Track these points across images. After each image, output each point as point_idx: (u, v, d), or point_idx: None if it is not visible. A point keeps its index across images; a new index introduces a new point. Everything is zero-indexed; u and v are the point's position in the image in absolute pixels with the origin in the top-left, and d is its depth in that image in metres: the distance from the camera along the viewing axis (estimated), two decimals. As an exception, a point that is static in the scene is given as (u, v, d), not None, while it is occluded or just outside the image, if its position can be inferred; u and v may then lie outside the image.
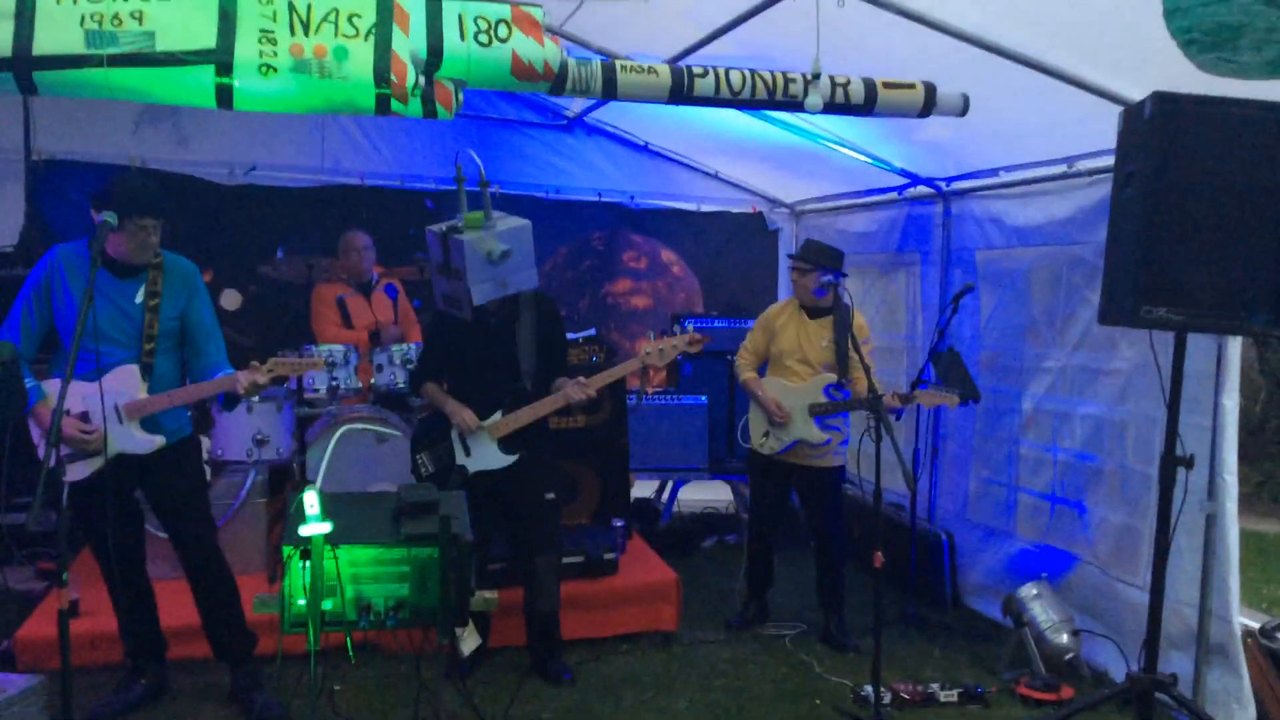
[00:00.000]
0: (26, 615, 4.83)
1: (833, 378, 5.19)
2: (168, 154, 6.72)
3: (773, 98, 4.49)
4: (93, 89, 3.72)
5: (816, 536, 5.46)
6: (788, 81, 4.46)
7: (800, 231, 8.09)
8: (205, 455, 5.06)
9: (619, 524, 5.64)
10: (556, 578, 4.78)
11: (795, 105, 4.53)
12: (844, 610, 5.41)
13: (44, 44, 3.54)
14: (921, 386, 5.32)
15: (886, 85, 4.62)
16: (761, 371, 5.48)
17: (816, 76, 4.40)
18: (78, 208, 6.59)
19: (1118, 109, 4.03)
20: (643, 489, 6.95)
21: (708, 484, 7.08)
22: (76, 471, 3.97)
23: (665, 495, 7.04)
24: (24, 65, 3.60)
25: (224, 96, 3.80)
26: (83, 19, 3.57)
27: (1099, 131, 4.32)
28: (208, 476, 4.92)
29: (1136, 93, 4.03)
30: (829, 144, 6.17)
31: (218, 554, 4.25)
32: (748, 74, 4.41)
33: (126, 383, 4.00)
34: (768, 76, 4.43)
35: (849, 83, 4.54)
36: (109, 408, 3.94)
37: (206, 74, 3.72)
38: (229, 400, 4.14)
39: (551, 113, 7.46)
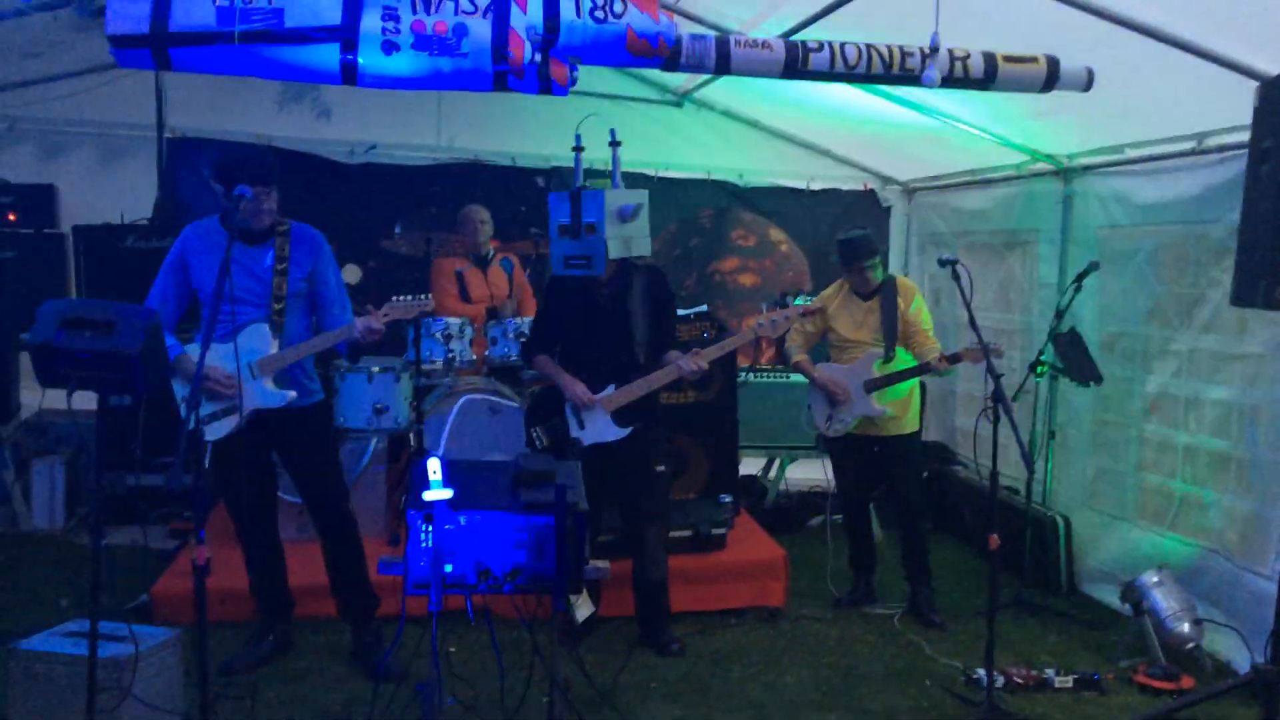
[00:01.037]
0: (161, 572, 5.08)
1: (880, 352, 5.23)
2: (298, 132, 6.95)
3: (889, 72, 4.40)
4: (223, 65, 3.87)
5: (896, 507, 5.45)
6: (905, 55, 4.37)
7: (913, 210, 7.96)
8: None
9: (727, 500, 5.65)
10: (665, 548, 4.83)
11: (912, 80, 4.44)
12: (931, 583, 5.39)
13: (179, 21, 3.68)
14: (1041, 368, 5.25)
15: (1007, 59, 4.50)
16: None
17: (935, 50, 4.32)
18: (208, 183, 6.84)
19: (1250, 83, 3.88)
20: (750, 466, 6.94)
21: (815, 462, 7.03)
22: (216, 430, 4.18)
23: (772, 472, 7.03)
24: (160, 42, 3.75)
25: (349, 73, 3.90)
26: (215, -4, 3.70)
27: (1230, 107, 4.16)
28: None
29: (1270, 66, 3.87)
30: (945, 120, 6.05)
31: (349, 517, 4.42)
32: (863, 48, 4.34)
33: (259, 340, 4.19)
34: (884, 50, 4.35)
35: (968, 56, 4.43)
36: (243, 365, 4.13)
37: (332, 51, 3.83)
38: (353, 350, 4.30)
39: (661, 89, 7.47)
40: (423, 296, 4.47)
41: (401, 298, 4.35)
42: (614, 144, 4.62)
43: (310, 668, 4.46)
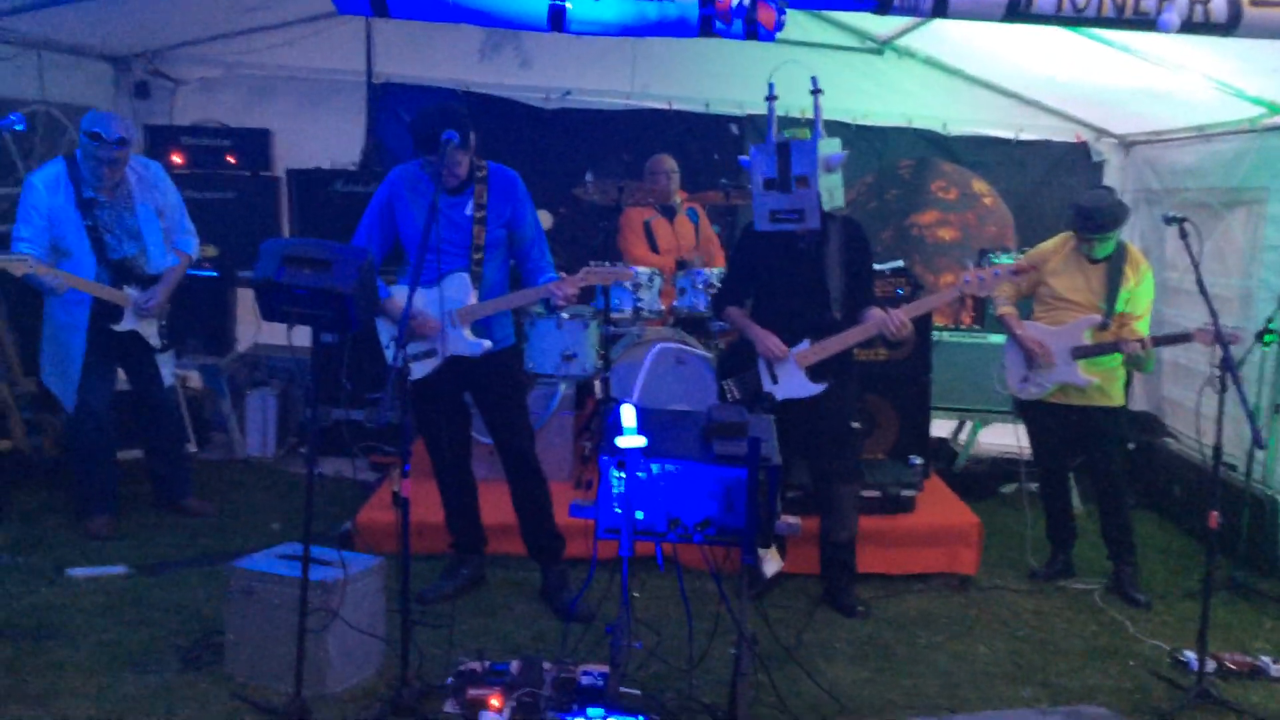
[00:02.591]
0: (363, 502, 5.32)
1: (1098, 319, 4.89)
2: (498, 79, 7.06)
3: (1121, 15, 4.12)
4: (438, 10, 3.94)
5: (1096, 481, 5.16)
6: (1139, -2, 4.08)
7: (1128, 164, 7.48)
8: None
9: (917, 462, 5.49)
10: (855, 508, 4.74)
11: (1146, 24, 4.14)
12: (1134, 559, 5.10)
13: (399, -32, 3.77)
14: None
15: (1255, 3, 4.14)
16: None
17: (1174, -9, 4.01)
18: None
19: None
20: (940, 428, 6.72)
21: (1009, 427, 6.76)
22: (416, 370, 4.33)
23: (963, 435, 6.80)
24: (379, -11, 3.86)
25: (556, 19, 3.93)
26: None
27: None
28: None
29: None
30: (1172, 68, 5.63)
31: (534, 460, 4.51)
32: (1095, -11, 4.07)
33: (459, 290, 4.28)
34: (1117, -9, 4.07)
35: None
36: (443, 313, 4.24)
37: (542, -2, 3.86)
38: (549, 305, 4.37)
39: (861, 36, 7.23)
40: (621, 264, 4.49)
41: (600, 264, 4.35)
42: (815, 92, 4.47)
43: (501, 603, 4.59)
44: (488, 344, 4.34)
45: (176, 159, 6.72)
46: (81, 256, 4.92)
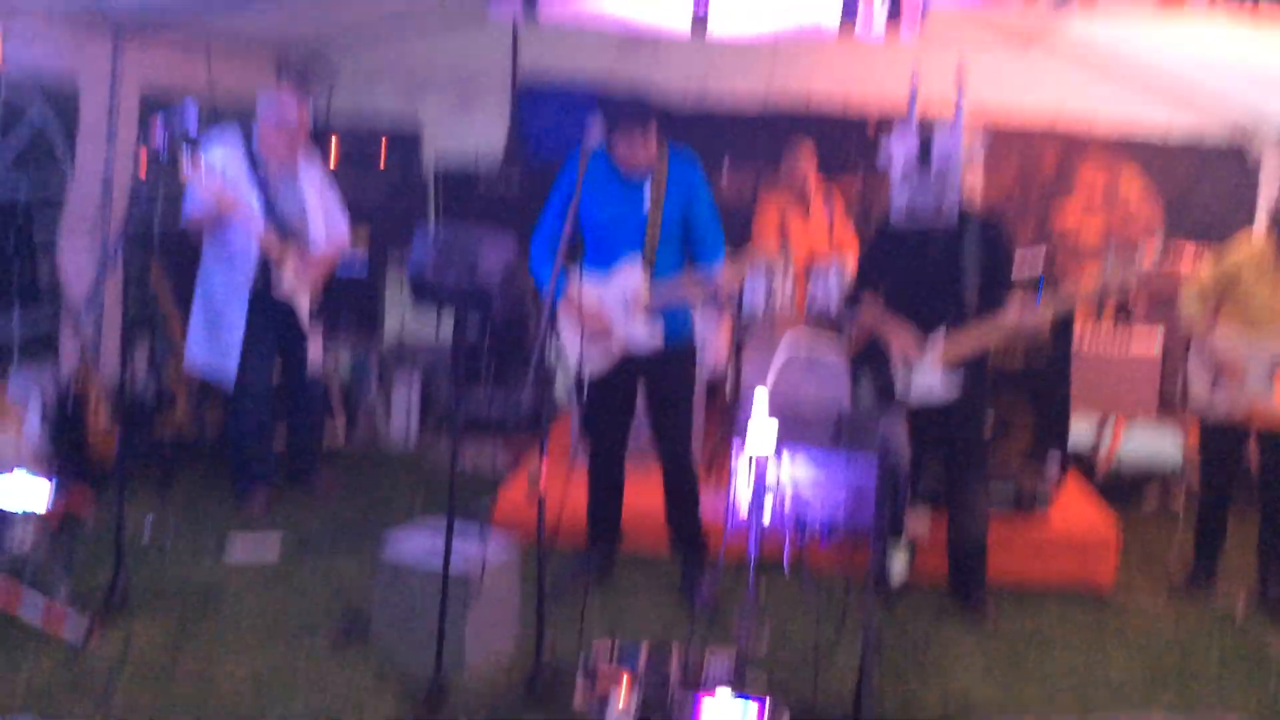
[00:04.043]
0: (501, 489, 5.49)
1: None
2: (636, 78, 7.16)
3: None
4: (586, 14, 4.06)
5: (1265, 493, 4.95)
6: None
7: (1287, 164, 7.14)
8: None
9: (1054, 466, 5.37)
10: (986, 512, 4.68)
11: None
12: None
13: (548, -26, 3.91)
14: None
15: None
16: None
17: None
18: (553, 127, 7.24)
19: None
20: (1080, 432, 6.55)
21: (1153, 433, 6.57)
22: (593, 363, 4.48)
23: (1104, 441, 6.62)
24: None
25: (699, 22, 4.02)
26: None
27: None
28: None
29: None
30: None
31: (692, 460, 4.60)
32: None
33: (632, 279, 4.39)
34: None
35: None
36: (617, 303, 4.37)
37: (685, 1, 3.94)
38: (715, 295, 4.45)
39: (1007, 31, 7.06)
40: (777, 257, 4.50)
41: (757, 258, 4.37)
42: (959, 87, 4.43)
43: (631, 592, 4.68)
44: (660, 333, 4.42)
45: (330, 157, 7.04)
46: (249, 214, 5.17)
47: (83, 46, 5.39)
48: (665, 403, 4.57)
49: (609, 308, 4.39)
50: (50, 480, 4.21)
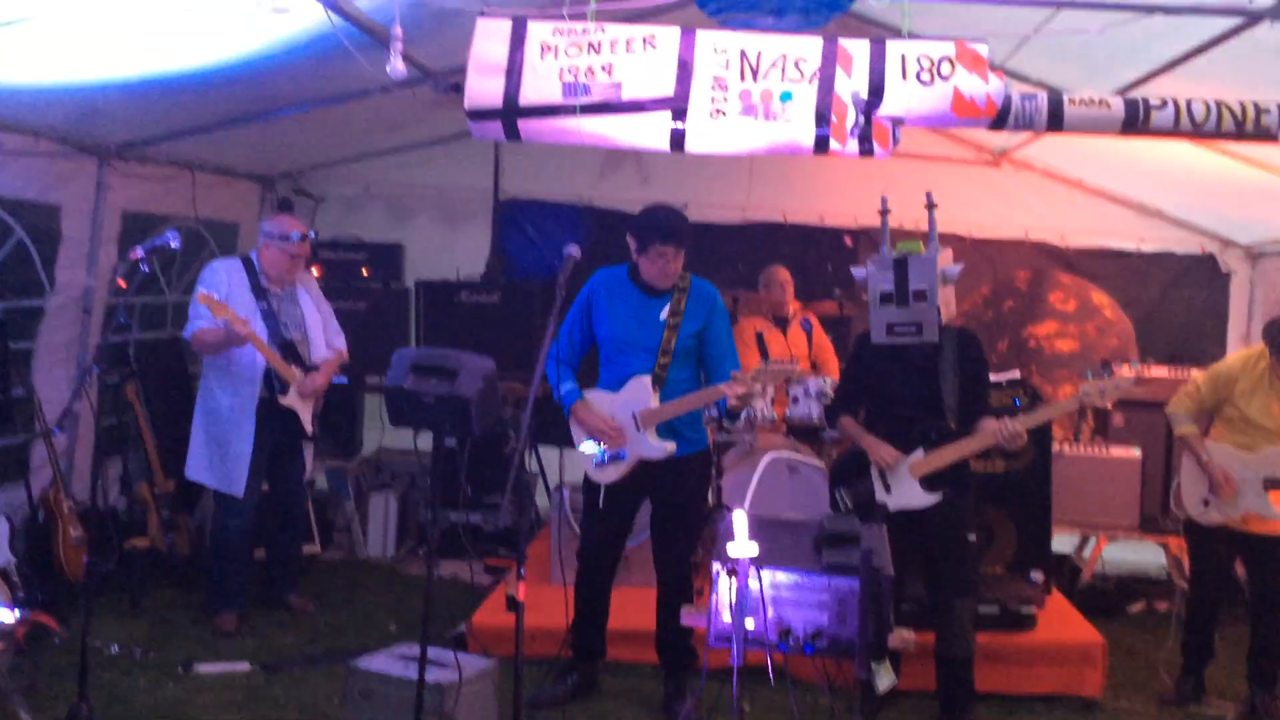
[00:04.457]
0: (478, 605, 5.40)
1: None
2: (616, 193, 7.32)
3: (1241, 130, 4.10)
4: (565, 135, 4.16)
5: (1254, 604, 4.93)
6: (1260, 112, 4.07)
7: (1256, 276, 7.30)
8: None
9: (1038, 578, 5.34)
10: (972, 623, 4.62)
11: (1267, 137, 4.13)
12: (1275, 689, 4.82)
13: (529, 95, 4.01)
14: None
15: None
16: None
17: (1295, 104, 3.99)
18: (532, 242, 7.37)
19: None
20: (1062, 543, 6.53)
21: (1136, 543, 6.55)
22: (606, 476, 4.47)
23: (1087, 552, 6.59)
24: (511, 115, 4.10)
25: (677, 140, 4.10)
26: (561, 73, 4.00)
27: None
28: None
29: None
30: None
31: (690, 570, 4.57)
32: (1212, 104, 4.06)
33: (641, 393, 4.41)
34: (1236, 107, 4.06)
35: (1334, 110, 4.07)
36: (627, 416, 4.39)
37: (663, 119, 4.04)
38: (729, 411, 4.45)
39: (976, 149, 7.30)
40: (789, 360, 4.54)
41: (772, 363, 4.39)
42: (930, 206, 4.53)
43: (611, 709, 4.59)
44: (671, 447, 4.40)
45: (314, 271, 7.10)
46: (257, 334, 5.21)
47: (68, 166, 5.46)
48: (673, 512, 4.54)
49: (619, 421, 4.40)
50: (16, 600, 4.12)
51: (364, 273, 7.23)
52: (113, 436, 6.08)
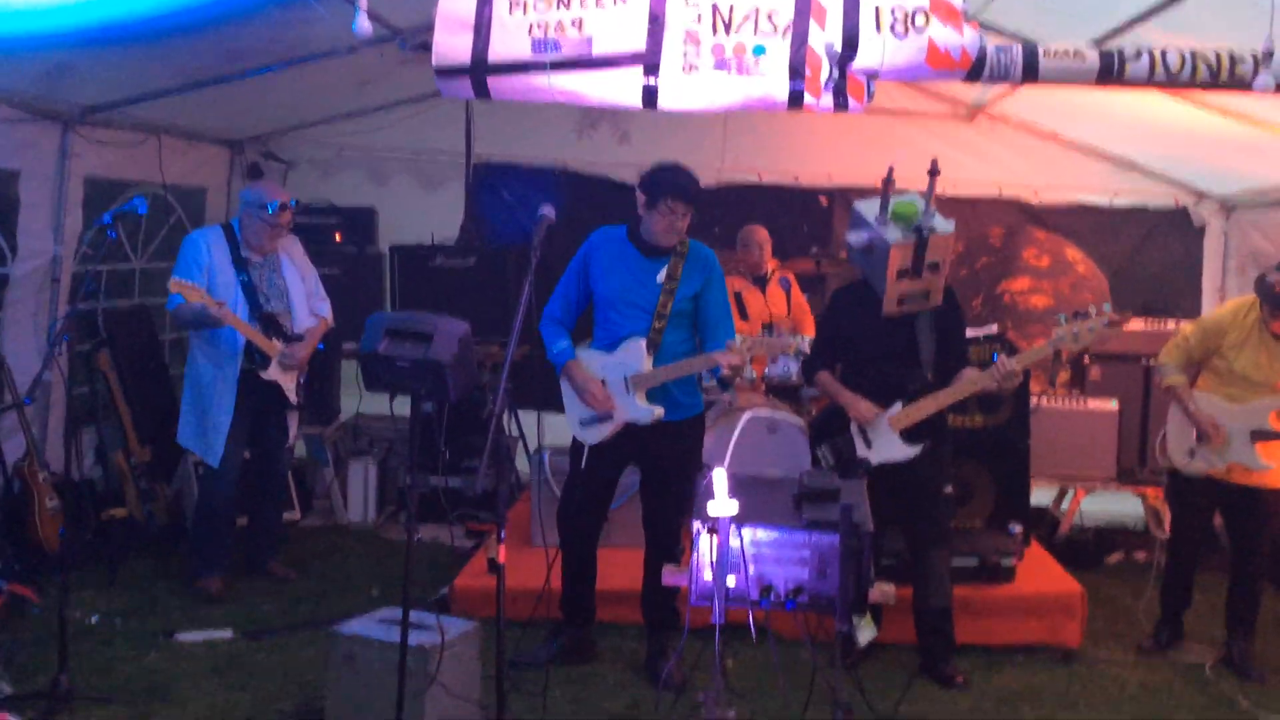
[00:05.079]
0: (459, 568, 5.40)
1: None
2: (593, 157, 7.25)
3: (1216, 79, 4.10)
4: (535, 93, 4.11)
5: (1234, 554, 4.98)
6: (1234, 61, 4.06)
7: (1230, 228, 7.33)
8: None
9: (1016, 530, 5.38)
10: (949, 574, 4.66)
11: (1242, 86, 4.12)
12: (1253, 634, 4.90)
13: (498, 52, 3.95)
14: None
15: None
16: None
17: (1269, 54, 3.97)
18: (508, 206, 7.30)
19: None
20: (1040, 496, 6.58)
21: (1114, 495, 6.60)
22: (591, 436, 4.44)
23: (1065, 504, 6.65)
24: (480, 72, 4.04)
25: (649, 96, 4.06)
26: (530, 28, 3.94)
27: None
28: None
29: None
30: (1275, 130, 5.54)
31: (679, 534, 4.51)
32: (1187, 55, 4.05)
33: (633, 356, 4.37)
34: (1211, 56, 4.05)
35: (1309, 58, 4.06)
36: (618, 379, 4.36)
37: (635, 75, 4.00)
38: (722, 380, 4.42)
39: (952, 104, 7.26)
40: (788, 334, 4.51)
41: (767, 334, 4.36)
42: (933, 173, 4.49)
43: (596, 671, 4.60)
44: (659, 411, 4.36)
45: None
46: (235, 309, 5.16)
47: (31, 130, 5.35)
48: (664, 477, 4.51)
49: (610, 383, 4.37)
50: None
51: (337, 238, 7.14)
52: (85, 406, 6.02)
